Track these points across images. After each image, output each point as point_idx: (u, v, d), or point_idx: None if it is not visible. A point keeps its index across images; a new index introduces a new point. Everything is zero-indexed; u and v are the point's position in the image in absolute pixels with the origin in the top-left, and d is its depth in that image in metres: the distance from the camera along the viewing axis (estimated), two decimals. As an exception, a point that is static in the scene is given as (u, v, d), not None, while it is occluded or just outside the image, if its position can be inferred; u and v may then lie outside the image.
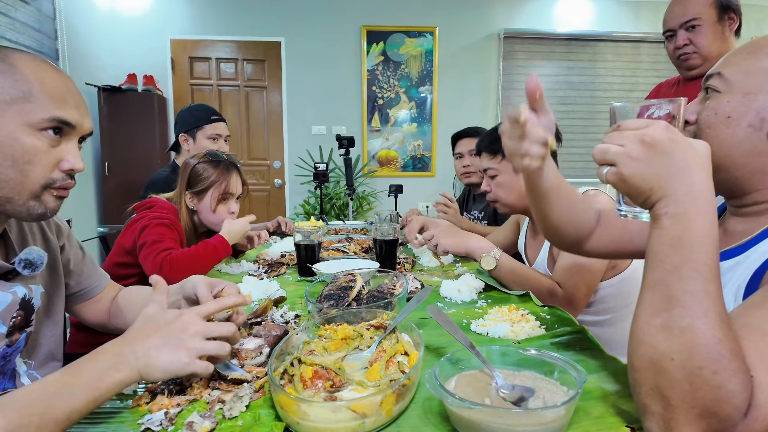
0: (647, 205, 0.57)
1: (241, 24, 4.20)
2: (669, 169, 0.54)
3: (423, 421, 0.64)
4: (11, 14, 2.85)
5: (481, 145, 1.48)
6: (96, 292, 1.04)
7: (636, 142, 0.55)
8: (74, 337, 1.48)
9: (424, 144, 4.51)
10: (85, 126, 0.76)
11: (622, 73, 4.58)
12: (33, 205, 0.72)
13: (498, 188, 1.42)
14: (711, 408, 0.49)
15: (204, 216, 1.58)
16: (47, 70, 0.72)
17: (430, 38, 4.36)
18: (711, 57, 1.58)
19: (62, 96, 0.72)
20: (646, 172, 0.55)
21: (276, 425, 0.61)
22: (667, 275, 0.53)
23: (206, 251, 1.42)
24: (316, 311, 0.96)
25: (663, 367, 0.52)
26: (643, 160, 0.55)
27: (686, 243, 0.53)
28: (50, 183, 0.73)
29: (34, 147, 0.70)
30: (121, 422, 0.65)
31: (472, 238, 1.33)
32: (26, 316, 0.82)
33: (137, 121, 3.72)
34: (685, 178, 0.53)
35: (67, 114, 0.72)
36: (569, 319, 0.99)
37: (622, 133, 0.57)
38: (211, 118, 2.06)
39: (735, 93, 0.68)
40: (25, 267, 0.80)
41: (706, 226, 0.53)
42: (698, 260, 0.52)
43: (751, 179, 0.70)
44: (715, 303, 0.51)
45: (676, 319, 0.51)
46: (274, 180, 4.44)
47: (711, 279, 0.52)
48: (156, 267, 1.35)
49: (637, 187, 0.56)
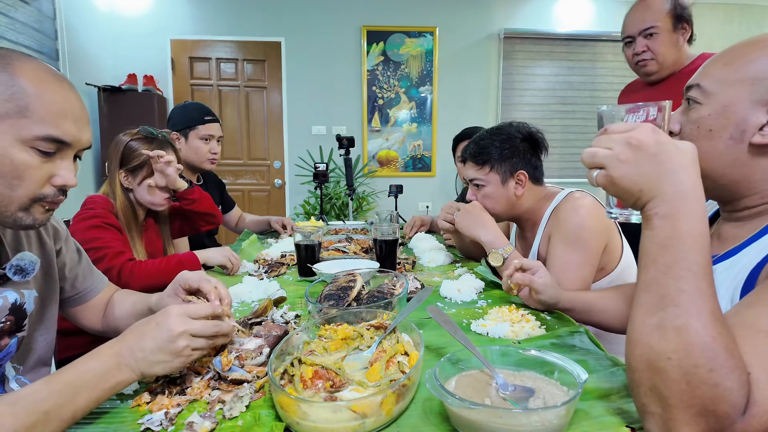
0: (637, 206, 0.58)
1: (241, 24, 4.20)
2: (657, 171, 0.55)
3: (423, 421, 0.64)
4: (11, 14, 2.85)
5: (466, 153, 1.44)
6: (92, 296, 1.02)
7: (623, 145, 0.57)
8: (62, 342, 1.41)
9: (424, 144, 4.51)
10: (82, 141, 0.74)
11: (622, 73, 4.57)
12: (21, 216, 0.71)
13: (484, 199, 1.40)
14: (709, 406, 0.49)
15: (140, 194, 1.49)
16: (49, 81, 0.70)
17: (430, 38, 4.36)
18: (666, 64, 1.69)
19: (61, 111, 0.70)
20: (634, 174, 0.56)
21: (276, 425, 0.61)
22: (660, 275, 0.54)
23: (170, 265, 1.36)
24: (316, 311, 0.96)
25: (659, 367, 0.52)
26: (631, 162, 0.56)
27: (677, 242, 0.53)
28: (40, 198, 0.71)
29: (24, 163, 0.68)
30: (121, 422, 0.65)
31: (488, 230, 1.35)
32: (17, 322, 0.82)
33: (137, 121, 3.62)
34: (673, 179, 0.54)
35: (63, 132, 0.70)
36: (569, 319, 0.99)
37: (609, 136, 0.59)
38: (205, 118, 2.02)
39: (715, 105, 0.70)
40: (15, 273, 0.80)
41: (696, 225, 0.54)
42: (690, 259, 0.53)
43: (737, 187, 0.71)
44: (709, 301, 0.52)
45: (670, 318, 0.52)
46: (274, 180, 4.44)
47: (703, 277, 0.52)
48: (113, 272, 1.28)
49: (627, 189, 0.57)
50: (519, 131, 1.39)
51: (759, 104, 0.66)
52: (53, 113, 0.69)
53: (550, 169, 1.55)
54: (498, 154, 1.36)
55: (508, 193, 1.38)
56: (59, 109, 0.69)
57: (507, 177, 1.37)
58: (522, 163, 1.37)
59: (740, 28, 4.52)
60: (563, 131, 4.59)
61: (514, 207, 1.41)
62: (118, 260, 1.32)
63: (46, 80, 0.69)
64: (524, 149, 1.38)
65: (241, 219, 2.38)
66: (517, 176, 1.37)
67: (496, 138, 1.38)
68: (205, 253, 1.49)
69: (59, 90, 0.71)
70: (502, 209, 1.41)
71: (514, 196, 1.38)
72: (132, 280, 1.30)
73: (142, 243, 1.51)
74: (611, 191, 0.60)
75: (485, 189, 1.40)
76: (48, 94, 0.69)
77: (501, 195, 1.39)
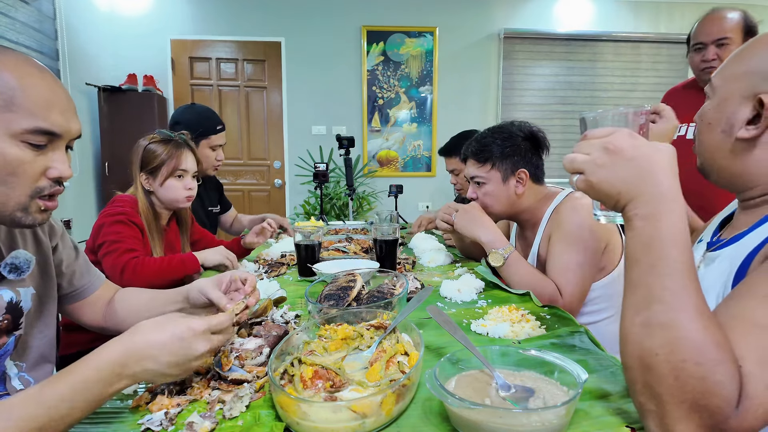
0: (618, 208, 0.60)
1: (241, 24, 4.20)
2: (634, 174, 0.57)
3: (423, 421, 0.64)
4: (11, 14, 2.85)
5: (467, 151, 1.44)
6: (89, 293, 1.02)
7: (600, 150, 0.59)
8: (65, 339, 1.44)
9: (424, 144, 4.51)
10: (72, 131, 0.73)
11: (622, 73, 4.58)
12: (20, 216, 0.71)
13: (485, 197, 1.41)
14: (700, 401, 0.49)
15: (162, 194, 1.55)
16: (32, 74, 0.69)
17: (430, 38, 4.36)
18: None
19: (47, 103, 0.69)
20: (611, 178, 0.58)
21: (276, 425, 0.61)
22: (644, 274, 0.55)
23: (172, 264, 1.40)
24: (316, 311, 0.96)
25: (649, 364, 0.53)
26: (608, 167, 0.58)
27: (658, 242, 0.55)
28: (37, 192, 0.71)
29: (17, 158, 0.67)
30: (121, 422, 0.65)
31: (488, 230, 1.35)
32: (14, 320, 0.81)
33: (137, 121, 3.70)
34: (651, 180, 0.56)
35: (52, 123, 0.69)
36: (569, 319, 0.99)
37: (588, 141, 0.61)
38: (217, 128, 2.04)
39: (716, 99, 0.72)
40: (10, 271, 0.80)
41: (675, 224, 0.55)
42: (671, 257, 0.54)
43: (738, 179, 0.73)
44: (693, 297, 0.53)
45: (656, 316, 0.53)
46: (275, 180, 4.44)
47: (686, 274, 0.53)
48: (117, 268, 1.33)
49: (605, 193, 0.59)
50: (521, 130, 1.40)
51: (747, 99, 0.68)
52: (40, 105, 0.68)
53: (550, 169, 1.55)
54: (499, 152, 1.37)
55: (508, 191, 1.39)
56: (45, 100, 0.69)
57: (508, 175, 1.37)
58: (523, 162, 1.37)
59: (740, 28, 4.53)
60: (563, 131, 4.59)
61: (515, 205, 1.41)
62: (124, 257, 1.36)
63: (29, 73, 0.68)
64: (526, 148, 1.38)
65: (236, 220, 2.40)
66: (518, 174, 1.37)
67: (498, 136, 1.39)
68: (203, 254, 1.50)
69: (43, 82, 0.69)
70: (502, 207, 1.41)
71: (514, 194, 1.38)
72: (135, 278, 1.32)
73: (162, 245, 1.55)
74: (591, 195, 0.62)
75: (486, 187, 1.40)
76: (33, 87, 0.68)
77: (502, 193, 1.39)
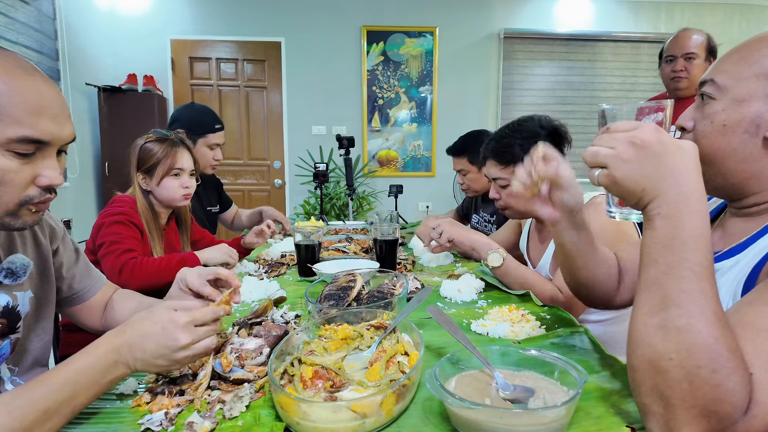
0: (639, 206, 0.58)
1: (241, 24, 4.20)
2: (659, 171, 0.55)
3: (423, 421, 0.64)
4: (11, 14, 2.85)
5: (487, 152, 1.41)
6: (89, 296, 1.01)
7: (626, 144, 0.56)
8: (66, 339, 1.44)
9: (424, 144, 4.51)
10: (63, 137, 0.69)
11: (622, 73, 4.58)
12: (9, 221, 0.68)
13: (509, 197, 1.38)
14: (711, 407, 0.49)
15: (159, 193, 1.53)
16: (20, 76, 0.64)
17: (430, 38, 4.36)
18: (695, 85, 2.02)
19: (36, 109, 0.65)
20: (637, 174, 0.56)
21: (276, 425, 0.61)
22: (661, 275, 0.54)
23: (171, 264, 1.37)
24: (316, 311, 0.96)
25: (661, 367, 0.52)
26: (634, 162, 0.56)
27: (679, 243, 0.53)
28: (27, 200, 0.68)
29: (2, 168, 0.64)
30: (121, 422, 0.65)
31: (478, 235, 1.36)
32: (10, 324, 0.81)
33: (137, 121, 3.70)
34: (676, 179, 0.54)
35: (40, 130, 0.65)
36: (569, 319, 0.98)
37: (612, 135, 0.58)
38: (215, 126, 2.04)
39: (729, 100, 0.69)
40: (6, 276, 0.79)
41: (698, 226, 0.53)
42: (692, 259, 0.52)
43: (747, 184, 0.71)
44: (711, 301, 0.51)
45: (672, 319, 0.52)
46: (275, 180, 4.44)
47: (705, 278, 0.52)
48: (116, 268, 1.32)
49: (629, 189, 0.57)
50: (542, 127, 1.34)
51: None
52: (27, 112, 0.64)
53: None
54: (522, 154, 1.31)
55: None
56: (33, 106, 0.65)
57: None
58: None
59: (740, 28, 4.52)
60: (563, 131, 4.59)
61: None
62: (122, 258, 1.35)
63: (16, 76, 0.64)
64: None
65: (237, 216, 2.40)
66: None
67: (519, 136, 1.34)
68: (205, 253, 1.50)
69: (31, 86, 0.65)
70: (526, 207, 1.37)
71: None
72: (132, 278, 1.32)
73: (162, 244, 1.55)
74: (613, 191, 0.60)
75: (510, 188, 1.37)
76: (20, 92, 0.63)
77: None
